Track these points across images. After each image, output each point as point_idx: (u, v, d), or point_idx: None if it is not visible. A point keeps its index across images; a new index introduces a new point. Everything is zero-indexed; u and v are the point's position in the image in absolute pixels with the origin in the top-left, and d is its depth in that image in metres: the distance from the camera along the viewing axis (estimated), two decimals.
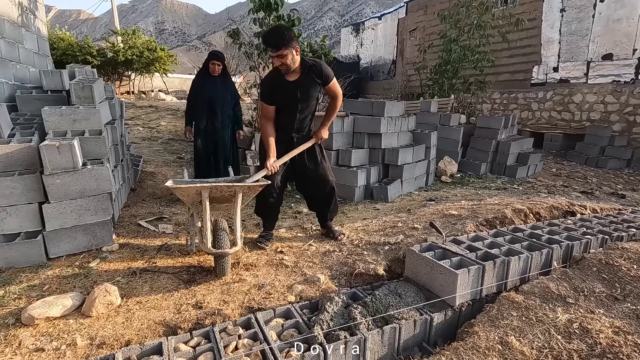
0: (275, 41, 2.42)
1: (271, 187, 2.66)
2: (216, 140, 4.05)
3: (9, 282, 2.27)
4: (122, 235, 3.00)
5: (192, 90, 4.10)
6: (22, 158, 2.59)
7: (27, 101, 3.47)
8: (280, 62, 2.46)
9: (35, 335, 1.81)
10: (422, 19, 12.79)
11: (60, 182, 2.52)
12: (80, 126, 2.98)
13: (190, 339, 1.69)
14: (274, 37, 2.43)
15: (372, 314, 1.78)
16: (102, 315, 1.98)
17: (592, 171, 6.81)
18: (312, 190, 2.90)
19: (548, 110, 9.13)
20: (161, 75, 16.15)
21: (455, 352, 1.64)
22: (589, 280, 1.97)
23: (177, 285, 2.31)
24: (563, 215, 3.20)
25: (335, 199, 2.97)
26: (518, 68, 9.78)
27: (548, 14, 9.11)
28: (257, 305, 2.14)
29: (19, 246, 2.43)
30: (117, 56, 13.86)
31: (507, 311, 1.83)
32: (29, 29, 4.08)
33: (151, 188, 4.20)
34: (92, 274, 2.40)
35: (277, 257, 2.73)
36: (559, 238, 2.43)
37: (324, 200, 2.92)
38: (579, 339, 1.63)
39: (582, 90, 8.54)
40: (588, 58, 8.45)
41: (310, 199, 3.01)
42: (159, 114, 9.82)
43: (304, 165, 2.79)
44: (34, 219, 2.53)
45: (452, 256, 2.13)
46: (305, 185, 2.91)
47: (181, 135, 7.59)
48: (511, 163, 6.07)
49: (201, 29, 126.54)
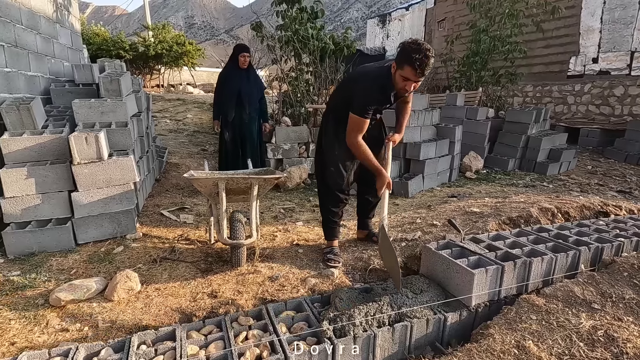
0: (427, 65, 1.98)
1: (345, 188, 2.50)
2: (244, 132, 4.10)
3: (40, 265, 2.41)
4: (145, 224, 3.11)
5: (220, 83, 4.11)
6: (54, 148, 2.73)
7: (61, 94, 3.64)
8: (411, 87, 2.10)
9: (61, 316, 1.92)
10: (451, 9, 12.34)
11: (88, 172, 2.64)
12: (107, 118, 3.10)
13: (202, 327, 1.73)
14: (427, 60, 1.97)
15: (384, 310, 1.76)
16: (122, 300, 2.07)
17: (631, 169, 6.38)
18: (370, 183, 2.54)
19: (585, 104, 8.61)
20: (189, 68, 16.55)
21: (468, 354, 1.59)
22: (618, 285, 1.85)
23: (194, 274, 2.37)
24: (595, 215, 3.02)
25: None
26: (554, 59, 9.27)
27: (588, 1, 8.54)
28: (270, 297, 2.16)
29: (50, 231, 2.57)
30: (148, 50, 14.31)
31: (526, 314, 1.75)
32: (63, 24, 4.26)
33: (175, 179, 4.32)
34: (116, 260, 2.51)
35: (293, 249, 2.74)
36: (588, 240, 2.29)
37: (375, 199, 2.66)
38: (604, 347, 1.53)
39: (625, 82, 7.98)
40: (632, 48, 7.86)
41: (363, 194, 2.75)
42: (186, 107, 10.07)
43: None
44: (64, 206, 2.67)
45: (470, 255, 2.06)
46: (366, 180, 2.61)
47: (206, 128, 7.76)
48: (542, 159, 5.78)
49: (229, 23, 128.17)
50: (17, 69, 3.23)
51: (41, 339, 1.75)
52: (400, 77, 2.06)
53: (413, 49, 1.95)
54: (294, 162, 4.69)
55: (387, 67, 2.16)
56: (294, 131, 4.68)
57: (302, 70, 4.77)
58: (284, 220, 3.37)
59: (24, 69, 3.36)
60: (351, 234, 2.97)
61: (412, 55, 1.94)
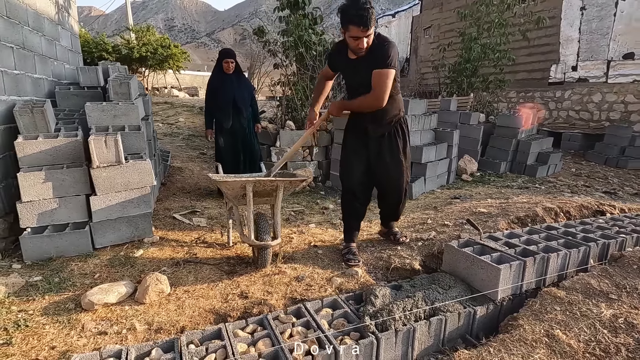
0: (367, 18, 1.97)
1: (354, 187, 2.53)
2: (244, 137, 4.09)
3: (61, 270, 2.37)
4: (159, 228, 3.09)
5: (210, 91, 3.96)
6: (69, 152, 2.69)
7: (66, 97, 3.58)
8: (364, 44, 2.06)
9: (95, 319, 1.91)
10: (437, 17, 12.73)
11: (107, 175, 2.62)
12: (120, 121, 3.08)
13: (245, 326, 1.76)
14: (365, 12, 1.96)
15: (420, 305, 1.84)
16: (154, 303, 2.07)
17: (612, 171, 6.76)
18: (383, 184, 2.55)
19: (566, 110, 9.06)
20: (174, 72, 16.34)
21: (502, 344, 1.69)
22: (630, 277, 2.01)
23: (220, 276, 2.39)
24: (593, 214, 3.22)
25: (405, 198, 2.67)
26: (536, 67, 9.71)
27: (568, 12, 9.01)
28: (299, 296, 2.21)
29: (68, 236, 2.53)
30: (132, 53, 14.05)
31: (550, 306, 1.87)
32: (64, 26, 4.19)
33: (180, 182, 4.30)
34: (138, 263, 2.50)
35: (312, 250, 2.79)
36: (594, 236, 2.46)
37: (396, 197, 2.60)
38: (625, 333, 1.67)
39: (602, 89, 8.46)
40: (608, 57, 8.35)
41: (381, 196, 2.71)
42: (175, 110, 9.96)
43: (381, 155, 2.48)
44: (82, 210, 2.64)
45: (491, 252, 2.17)
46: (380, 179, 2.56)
47: (200, 132, 7.71)
48: (531, 162, 6.06)
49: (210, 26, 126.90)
50: (24, 71, 3.17)
51: (80, 342, 1.74)
52: (350, 39, 2.08)
53: (348, 5, 1.99)
54: (299, 165, 4.75)
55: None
56: (298, 135, 4.75)
57: (306, 75, 4.84)
58: (297, 223, 3.43)
59: (30, 72, 3.29)
60: (366, 233, 3.05)
61: (350, 12, 1.98)
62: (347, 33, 2.09)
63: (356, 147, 2.52)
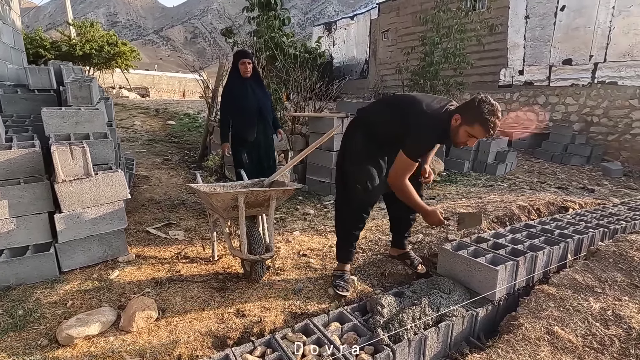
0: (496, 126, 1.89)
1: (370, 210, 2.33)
2: (267, 147, 3.65)
3: (24, 300, 2.08)
4: (133, 244, 2.84)
5: (229, 100, 3.45)
6: (26, 164, 2.38)
7: (13, 101, 3.18)
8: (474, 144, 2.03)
9: (77, 356, 1.69)
10: (394, 21, 13.11)
11: (74, 190, 2.35)
12: (83, 129, 2.79)
13: (253, 349, 1.65)
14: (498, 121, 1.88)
15: (427, 312, 1.85)
16: (142, 330, 1.88)
17: (558, 167, 7.37)
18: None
19: (515, 111, 9.74)
20: (122, 71, 15.30)
21: (508, 344, 1.74)
22: (608, 270, 2.17)
23: (210, 294, 2.24)
24: (559, 210, 3.46)
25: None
26: (487, 70, 10.34)
27: (514, 20, 9.70)
28: (299, 310, 2.13)
29: (29, 260, 2.23)
30: (74, 50, 12.93)
31: (544, 303, 1.97)
32: (5, 21, 3.71)
33: (148, 192, 4.00)
34: (115, 286, 2.27)
35: (302, 260, 2.72)
36: (569, 232, 2.64)
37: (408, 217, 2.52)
38: (615, 325, 1.79)
39: (545, 92, 9.21)
40: (550, 62, 9.11)
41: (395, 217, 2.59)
42: (128, 113, 9.31)
43: None
44: (44, 230, 2.34)
45: (484, 253, 2.24)
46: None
47: (161, 136, 7.26)
48: (491, 161, 6.43)
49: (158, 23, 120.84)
50: None
51: None
52: (465, 133, 1.92)
53: (489, 110, 1.85)
54: None
55: (446, 113, 1.99)
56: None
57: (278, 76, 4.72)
58: (280, 231, 3.32)
59: None
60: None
61: (488, 118, 1.84)
62: (467, 128, 1.91)
63: (375, 152, 2.22)
